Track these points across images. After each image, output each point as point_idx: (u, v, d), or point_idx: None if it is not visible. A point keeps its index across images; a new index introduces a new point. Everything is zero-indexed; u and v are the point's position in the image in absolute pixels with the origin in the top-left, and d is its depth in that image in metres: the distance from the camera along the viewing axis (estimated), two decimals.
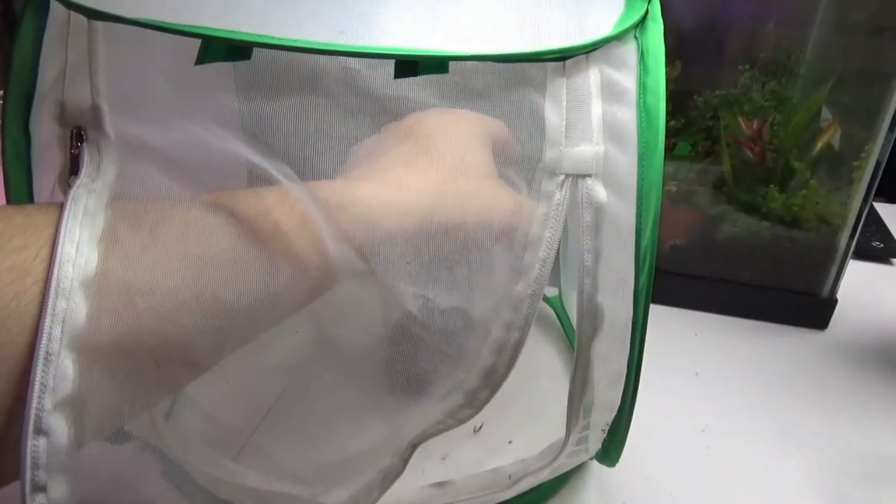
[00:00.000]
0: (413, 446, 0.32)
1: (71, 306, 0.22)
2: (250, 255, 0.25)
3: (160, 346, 0.24)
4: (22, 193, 0.32)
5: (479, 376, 0.30)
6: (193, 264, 0.24)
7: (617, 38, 0.27)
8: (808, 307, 0.58)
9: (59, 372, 0.22)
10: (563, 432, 0.36)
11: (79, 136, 0.28)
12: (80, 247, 0.23)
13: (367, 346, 0.39)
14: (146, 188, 0.27)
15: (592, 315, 0.30)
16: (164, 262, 0.24)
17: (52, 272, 0.22)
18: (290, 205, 0.26)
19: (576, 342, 0.31)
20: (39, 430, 0.22)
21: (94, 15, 0.25)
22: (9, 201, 0.32)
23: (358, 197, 0.28)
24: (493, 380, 0.30)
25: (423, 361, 0.34)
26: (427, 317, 0.32)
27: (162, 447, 0.39)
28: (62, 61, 0.29)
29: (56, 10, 0.29)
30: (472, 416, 0.31)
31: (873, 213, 0.75)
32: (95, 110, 0.28)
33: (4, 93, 0.30)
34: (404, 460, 0.32)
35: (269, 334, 0.28)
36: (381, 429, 0.35)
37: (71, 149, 0.28)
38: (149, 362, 0.24)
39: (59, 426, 0.22)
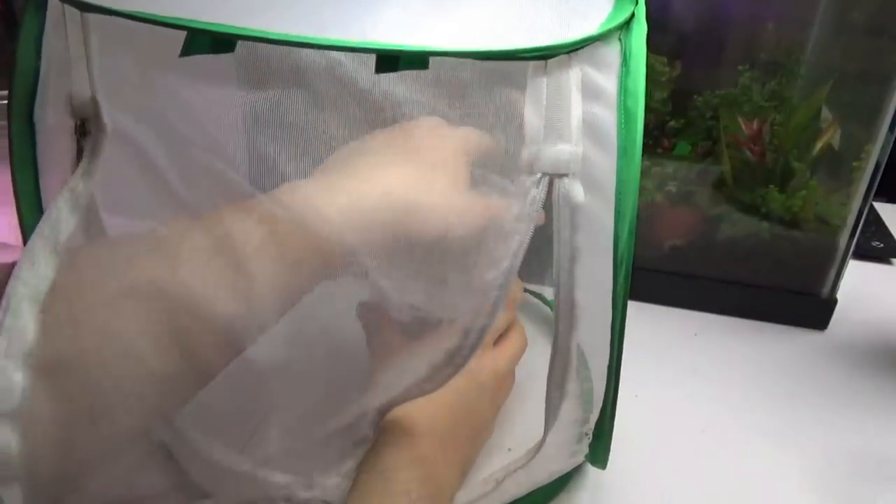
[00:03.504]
0: (381, 413, 0.34)
1: (18, 323, 0.23)
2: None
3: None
4: (29, 187, 0.33)
5: (444, 354, 0.31)
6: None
7: (601, 38, 0.27)
8: (808, 307, 0.58)
9: (4, 382, 0.22)
10: (561, 437, 0.36)
11: (82, 129, 0.29)
12: (36, 264, 0.24)
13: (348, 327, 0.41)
14: (132, 180, 0.28)
15: (569, 310, 0.30)
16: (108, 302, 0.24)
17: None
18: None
19: (553, 335, 0.31)
20: None
21: (85, 7, 0.26)
22: (16, 195, 0.33)
23: (315, 208, 0.28)
24: (457, 360, 0.31)
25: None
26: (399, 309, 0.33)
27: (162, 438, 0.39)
28: (60, 54, 0.29)
29: (53, 4, 0.30)
30: (434, 389, 0.32)
31: (873, 213, 0.75)
32: (94, 103, 0.29)
33: (9, 92, 0.31)
34: (374, 429, 0.35)
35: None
36: (356, 406, 0.35)
37: (77, 141, 0.29)
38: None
39: (4, 435, 0.22)
